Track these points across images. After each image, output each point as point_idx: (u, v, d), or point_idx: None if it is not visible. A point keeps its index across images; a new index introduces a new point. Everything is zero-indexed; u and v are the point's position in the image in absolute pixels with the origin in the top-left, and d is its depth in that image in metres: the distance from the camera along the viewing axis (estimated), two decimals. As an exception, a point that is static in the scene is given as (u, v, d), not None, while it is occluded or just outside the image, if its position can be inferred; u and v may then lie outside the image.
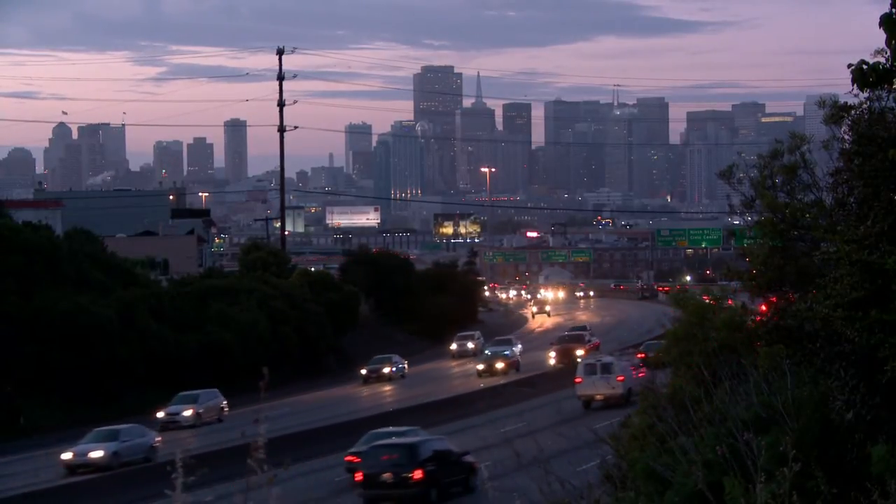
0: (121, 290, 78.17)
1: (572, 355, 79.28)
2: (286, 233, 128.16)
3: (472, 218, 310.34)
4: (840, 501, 13.72)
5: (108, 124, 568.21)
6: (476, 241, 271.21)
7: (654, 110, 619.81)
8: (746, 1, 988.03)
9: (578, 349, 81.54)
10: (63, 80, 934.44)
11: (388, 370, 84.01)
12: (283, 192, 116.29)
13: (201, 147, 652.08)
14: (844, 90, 16.71)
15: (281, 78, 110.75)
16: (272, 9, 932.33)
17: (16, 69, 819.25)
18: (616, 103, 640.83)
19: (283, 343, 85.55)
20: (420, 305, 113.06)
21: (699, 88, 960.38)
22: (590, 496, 16.74)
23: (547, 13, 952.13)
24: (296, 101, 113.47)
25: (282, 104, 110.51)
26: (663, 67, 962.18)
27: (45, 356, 69.12)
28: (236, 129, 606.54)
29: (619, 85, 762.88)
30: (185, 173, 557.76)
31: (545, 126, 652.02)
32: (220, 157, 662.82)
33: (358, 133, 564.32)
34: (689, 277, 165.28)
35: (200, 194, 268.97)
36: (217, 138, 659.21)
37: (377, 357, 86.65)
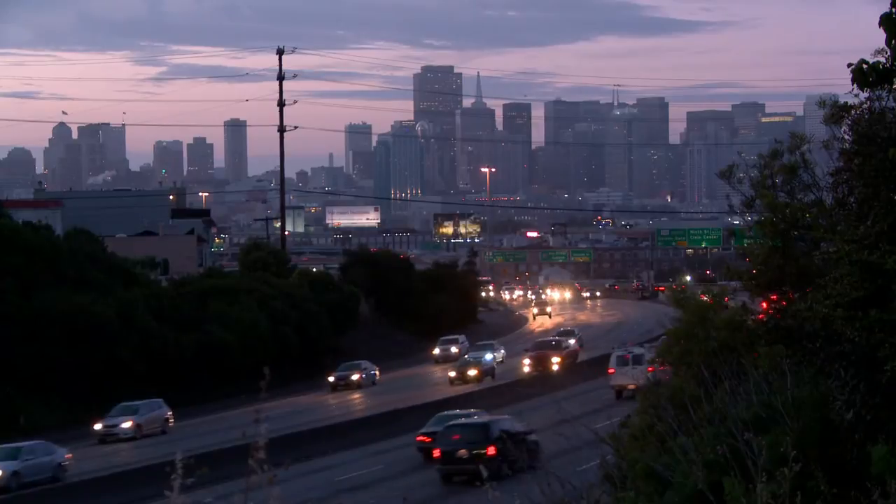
0: (121, 290, 78.12)
1: (547, 363, 75.79)
2: (286, 233, 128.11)
3: (472, 218, 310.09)
4: (840, 501, 13.71)
5: (108, 124, 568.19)
6: (476, 241, 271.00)
7: (654, 110, 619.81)
8: (746, 1, 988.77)
9: (554, 356, 77.57)
10: (63, 80, 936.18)
11: (356, 377, 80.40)
12: (283, 192, 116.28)
13: (201, 147, 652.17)
14: (844, 90, 16.72)
15: (281, 78, 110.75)
16: (273, 8, 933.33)
17: (16, 69, 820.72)
18: (616, 103, 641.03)
19: (283, 343, 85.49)
20: (420, 305, 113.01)
21: (699, 88, 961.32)
22: (590, 496, 16.73)
23: (547, 13, 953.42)
24: (296, 101, 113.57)
25: (282, 104, 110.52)
26: (663, 67, 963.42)
27: (45, 356, 69.05)
28: (236, 129, 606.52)
29: (619, 85, 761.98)
30: (185, 173, 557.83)
31: (545, 126, 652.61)
32: (220, 157, 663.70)
33: (358, 133, 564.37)
34: (689, 277, 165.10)
35: (200, 194, 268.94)
36: (217, 138, 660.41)
37: (345, 363, 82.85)
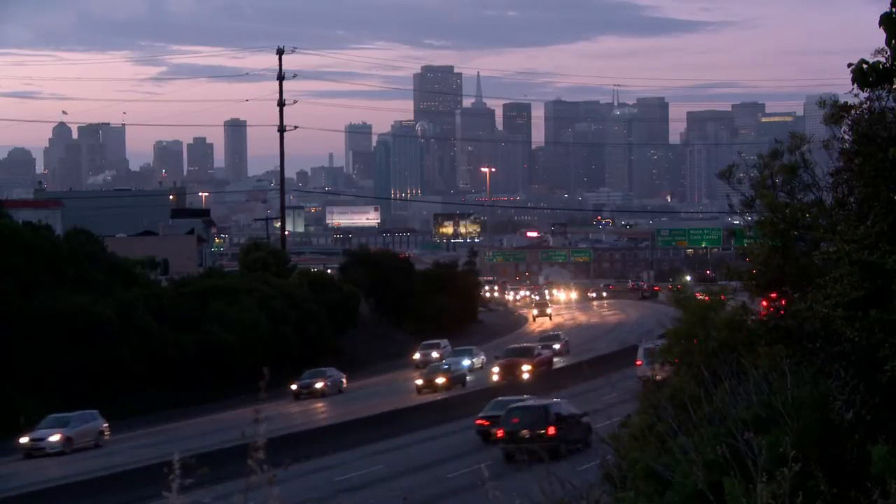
0: (121, 290, 78.11)
1: (517, 371, 72.61)
2: (286, 233, 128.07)
3: (472, 218, 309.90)
4: (840, 501, 13.70)
5: (108, 124, 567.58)
6: (476, 241, 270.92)
7: (654, 110, 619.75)
8: (746, 1, 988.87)
9: (524, 364, 73.88)
10: (63, 80, 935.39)
11: (321, 385, 76.42)
12: (283, 191, 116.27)
13: (201, 147, 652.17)
14: (844, 90, 16.74)
15: (281, 78, 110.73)
16: (274, 8, 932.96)
17: (16, 69, 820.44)
18: (616, 103, 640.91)
19: (283, 343, 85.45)
20: (420, 305, 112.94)
21: (699, 88, 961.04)
22: (590, 496, 16.73)
23: (547, 13, 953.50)
24: (296, 101, 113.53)
25: (282, 104, 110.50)
26: (663, 67, 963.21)
27: (44, 356, 69.05)
28: (236, 129, 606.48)
29: (619, 85, 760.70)
30: (185, 173, 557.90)
31: (545, 126, 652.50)
32: (220, 157, 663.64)
33: (358, 133, 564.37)
34: (689, 277, 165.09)
35: (200, 194, 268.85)
36: (217, 138, 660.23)
37: (310, 371, 78.64)
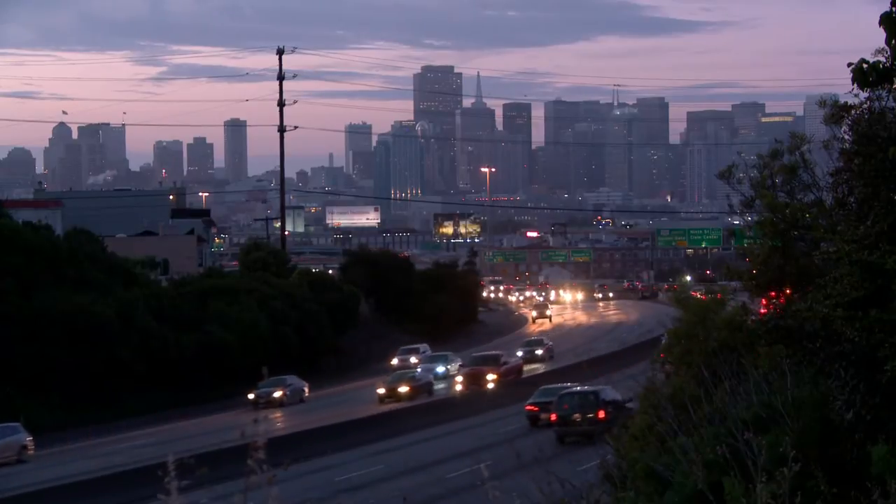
0: (121, 290, 78.10)
1: (482, 380, 70.13)
2: (286, 233, 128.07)
3: (472, 218, 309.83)
4: (840, 501, 13.70)
5: (108, 124, 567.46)
6: (476, 241, 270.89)
7: (654, 110, 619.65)
8: (746, 1, 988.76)
9: (489, 373, 71.19)
10: (63, 80, 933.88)
11: (279, 394, 72.43)
12: (283, 191, 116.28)
13: (201, 147, 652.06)
14: (844, 90, 16.74)
15: (281, 78, 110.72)
16: (274, 9, 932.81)
17: (16, 69, 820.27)
18: (616, 103, 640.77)
19: (283, 343, 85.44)
20: (420, 305, 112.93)
21: (699, 88, 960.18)
22: (590, 496, 16.72)
23: (547, 13, 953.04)
24: (296, 101, 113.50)
25: (282, 104, 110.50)
26: (663, 67, 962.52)
27: (45, 356, 69.04)
28: (236, 129, 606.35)
29: (619, 85, 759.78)
30: (185, 173, 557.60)
31: (545, 126, 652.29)
32: (220, 157, 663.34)
33: (358, 133, 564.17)
34: (689, 277, 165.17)
35: (200, 194, 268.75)
36: (217, 138, 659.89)
37: (269, 379, 70.12)
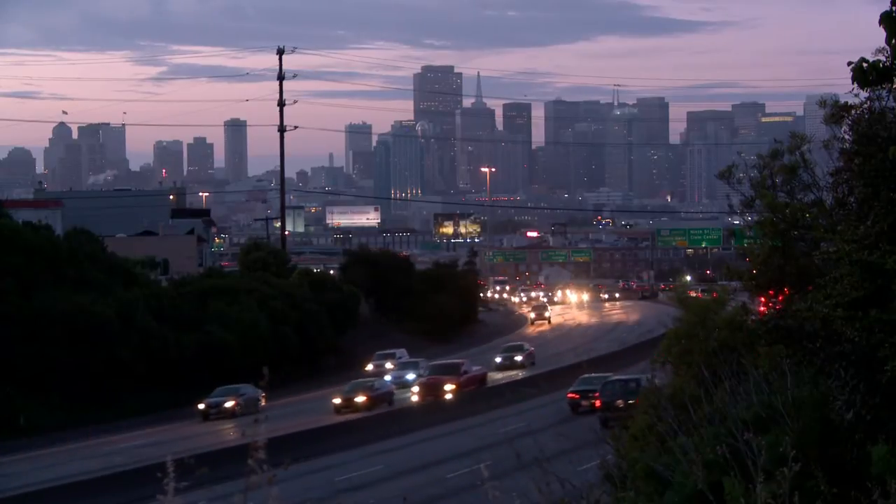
0: (121, 290, 78.11)
1: (439, 391, 67.22)
2: (286, 233, 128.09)
3: (472, 218, 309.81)
4: (840, 501, 13.70)
5: (108, 124, 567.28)
6: (476, 241, 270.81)
7: (654, 110, 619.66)
8: (746, 1, 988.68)
9: (448, 383, 68.31)
10: (63, 80, 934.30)
11: (231, 404, 68.39)
12: (283, 191, 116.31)
13: (201, 147, 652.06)
14: (844, 90, 16.73)
15: (281, 78, 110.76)
16: (275, 9, 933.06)
17: (16, 69, 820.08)
18: (616, 103, 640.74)
19: (283, 343, 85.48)
20: (420, 305, 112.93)
21: (699, 88, 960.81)
22: (590, 496, 16.71)
23: (547, 13, 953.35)
24: (296, 101, 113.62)
25: (282, 104, 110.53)
26: (663, 67, 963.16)
27: (44, 356, 69.05)
28: (236, 129, 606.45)
29: (619, 85, 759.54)
30: (185, 173, 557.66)
31: (545, 126, 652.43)
32: (220, 157, 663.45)
33: (358, 133, 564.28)
34: (689, 277, 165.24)
35: (200, 194, 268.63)
36: (217, 138, 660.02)
37: (221, 388, 70.40)
